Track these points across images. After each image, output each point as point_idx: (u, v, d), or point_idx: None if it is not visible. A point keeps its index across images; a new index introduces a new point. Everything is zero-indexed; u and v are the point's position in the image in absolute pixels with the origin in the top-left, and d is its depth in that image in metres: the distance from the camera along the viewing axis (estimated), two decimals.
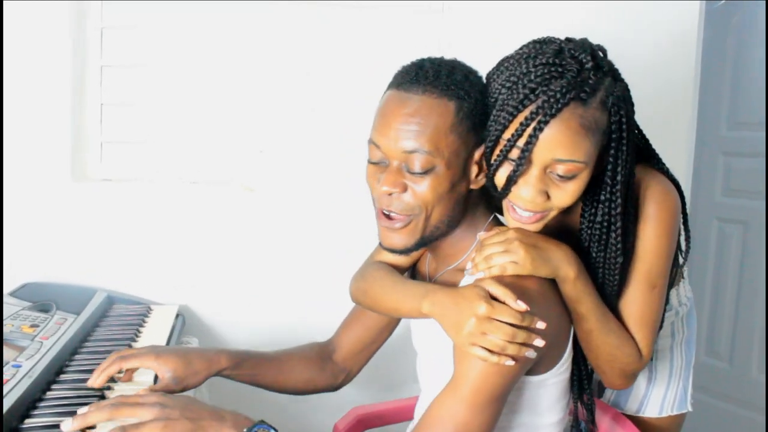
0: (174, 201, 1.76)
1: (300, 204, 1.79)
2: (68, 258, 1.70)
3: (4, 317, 1.30)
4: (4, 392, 0.96)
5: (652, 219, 1.02)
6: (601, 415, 1.26)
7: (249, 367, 1.19)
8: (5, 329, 1.23)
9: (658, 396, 1.30)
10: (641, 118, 1.91)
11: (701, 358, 2.59)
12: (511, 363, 0.88)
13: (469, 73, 1.01)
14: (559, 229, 1.06)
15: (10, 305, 1.40)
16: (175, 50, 1.79)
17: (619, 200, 0.98)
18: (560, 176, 0.92)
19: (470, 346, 0.89)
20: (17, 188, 1.66)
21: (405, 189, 0.98)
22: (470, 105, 0.97)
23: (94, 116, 1.76)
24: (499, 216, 1.08)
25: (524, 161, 0.91)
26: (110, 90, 1.77)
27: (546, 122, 0.89)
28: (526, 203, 0.94)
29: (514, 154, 0.92)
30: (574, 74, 0.90)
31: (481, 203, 1.06)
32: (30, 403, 0.99)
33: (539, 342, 0.90)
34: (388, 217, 1.01)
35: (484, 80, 1.03)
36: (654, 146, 1.14)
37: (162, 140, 1.81)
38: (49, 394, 1.05)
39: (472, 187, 1.02)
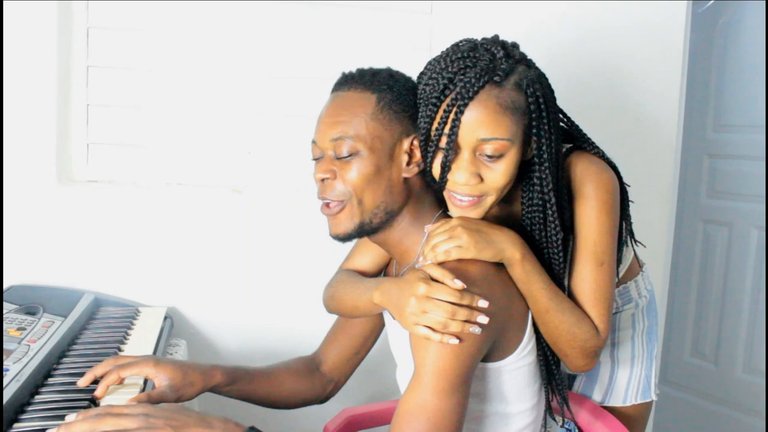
0: (161, 203, 1.75)
1: (287, 206, 1.79)
2: (54, 260, 1.68)
3: None
4: None
5: (590, 198, 1.08)
6: (578, 408, 1.30)
7: (242, 384, 1.21)
8: None
9: (621, 385, 1.33)
10: (629, 121, 1.95)
11: (686, 359, 2.64)
12: (455, 341, 0.92)
13: (395, 73, 1.11)
14: (505, 219, 1.11)
15: None
16: (162, 51, 1.78)
17: (549, 177, 1.04)
18: (489, 156, 0.98)
19: (414, 326, 0.94)
20: (2, 189, 1.64)
21: (335, 176, 1.06)
22: (392, 96, 1.06)
23: (80, 117, 1.75)
24: (448, 213, 1.12)
25: (452, 146, 0.98)
26: (96, 91, 1.76)
27: (465, 105, 0.96)
28: (462, 187, 1.00)
29: (443, 141, 0.99)
30: (486, 62, 0.98)
31: (428, 199, 1.11)
32: (18, 407, 0.98)
33: (482, 319, 0.93)
34: (327, 205, 1.08)
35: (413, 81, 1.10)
36: (641, 148, 1.17)
37: (149, 141, 1.79)
38: (38, 398, 1.04)
39: (405, 175, 1.07)
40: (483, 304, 0.94)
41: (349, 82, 1.09)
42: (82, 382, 1.07)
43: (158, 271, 1.73)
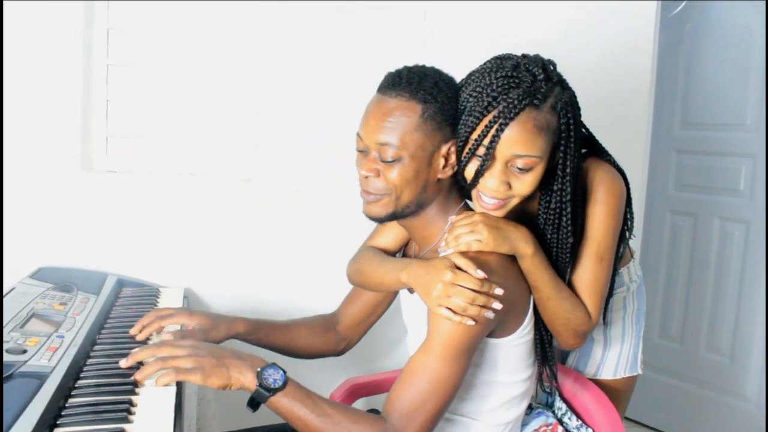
0: (175, 191, 1.88)
1: (293, 194, 1.92)
2: (78, 243, 1.81)
3: (33, 296, 1.42)
4: (56, 360, 1.09)
5: (600, 202, 1.22)
6: (564, 378, 1.45)
7: (262, 334, 1.40)
8: (37, 306, 1.36)
9: (612, 360, 1.49)
10: (602, 118, 2.10)
11: (655, 340, 2.79)
12: (472, 323, 1.07)
13: (439, 80, 1.17)
14: (520, 215, 1.24)
15: (34, 286, 1.51)
16: (176, 50, 1.90)
17: (568, 188, 1.17)
18: (520, 169, 1.11)
19: (438, 307, 1.08)
20: (30, 178, 1.77)
21: (378, 174, 1.16)
22: (436, 107, 1.14)
23: (100, 111, 1.87)
24: (469, 202, 1.26)
25: (489, 157, 1.10)
26: (115, 87, 1.88)
27: (506, 124, 1.08)
28: (492, 192, 1.13)
29: (481, 151, 1.11)
30: (528, 84, 1.09)
31: (453, 191, 1.24)
32: (77, 369, 1.12)
33: (497, 305, 1.09)
34: (367, 193, 1.20)
35: (456, 84, 1.20)
36: (613, 144, 1.33)
37: (163, 134, 1.92)
38: (90, 361, 1.18)
39: (440, 176, 1.18)
40: (499, 291, 1.09)
41: (397, 87, 1.15)
42: (135, 332, 1.29)
43: (173, 254, 1.86)
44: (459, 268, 1.09)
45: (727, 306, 2.57)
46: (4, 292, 1.44)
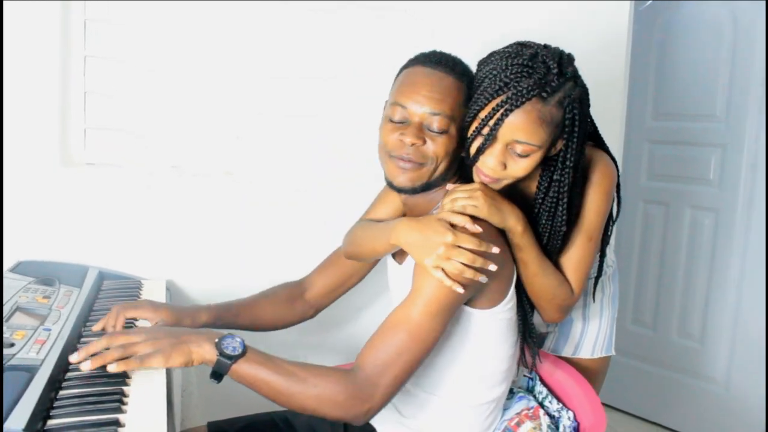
0: (154, 184, 1.86)
1: (274, 185, 1.93)
2: (57, 236, 1.79)
3: (15, 290, 1.41)
4: (45, 352, 1.09)
5: (595, 184, 1.28)
6: (542, 361, 1.50)
7: (227, 319, 1.43)
8: (20, 300, 1.35)
9: (590, 340, 1.56)
10: None
11: (628, 327, 2.85)
12: (461, 290, 1.10)
13: (469, 67, 1.27)
14: (519, 195, 1.29)
15: (15, 280, 1.50)
16: (154, 41, 1.88)
17: (567, 179, 1.22)
18: (518, 154, 1.16)
19: (434, 269, 1.10)
20: (8, 172, 1.74)
21: (425, 143, 1.21)
22: (470, 91, 1.21)
23: (78, 104, 1.85)
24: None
25: (492, 137, 1.15)
26: (93, 79, 1.86)
27: (511, 110, 1.12)
28: (488, 170, 1.18)
29: (485, 131, 1.16)
30: (540, 76, 1.12)
31: (455, 166, 1.28)
32: (67, 360, 1.12)
33: (493, 267, 1.13)
34: (407, 161, 1.21)
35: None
36: None
37: (142, 126, 1.90)
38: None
39: (462, 153, 1.23)
40: (495, 250, 1.13)
41: (445, 64, 1.23)
42: (98, 328, 1.30)
43: (155, 246, 1.85)
44: (454, 228, 1.13)
45: (697, 292, 2.64)
46: None
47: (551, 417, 1.39)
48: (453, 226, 1.13)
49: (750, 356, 2.49)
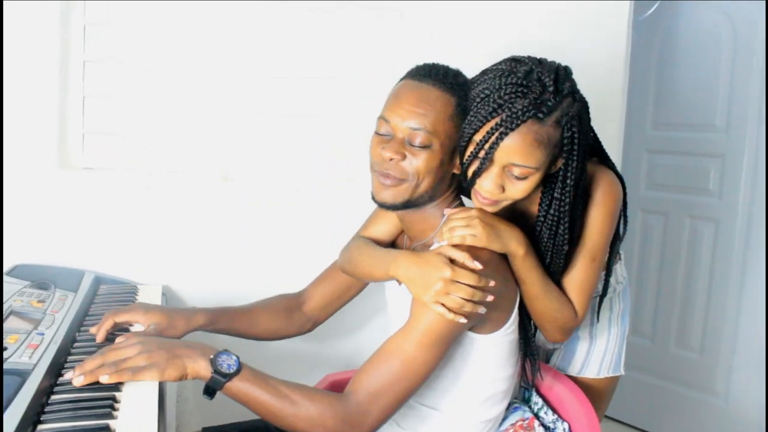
0: (152, 188, 1.86)
1: (273, 186, 1.92)
2: (54, 241, 1.79)
3: (10, 294, 1.41)
4: (38, 357, 1.09)
5: (598, 204, 1.25)
6: (544, 374, 1.47)
7: (223, 323, 1.40)
8: (15, 304, 1.35)
9: (596, 359, 1.52)
10: None
11: (626, 337, 2.85)
12: (464, 321, 1.09)
13: (466, 80, 1.22)
14: (520, 213, 1.27)
15: (11, 284, 1.50)
16: (153, 46, 1.88)
17: (567, 199, 1.19)
18: (515, 176, 1.13)
19: (434, 304, 1.09)
20: (6, 175, 1.74)
21: (404, 158, 1.18)
22: (465, 104, 1.17)
23: (77, 108, 1.85)
24: (465, 198, 1.29)
25: (487, 161, 1.12)
26: (92, 83, 1.86)
27: (506, 133, 1.08)
28: (486, 192, 1.15)
29: (481, 154, 1.12)
30: (536, 96, 1.09)
31: (454, 189, 1.27)
32: (59, 365, 1.12)
33: (490, 297, 1.11)
34: (387, 176, 1.20)
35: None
36: None
37: (141, 131, 1.90)
38: (70, 358, 1.18)
39: (455, 171, 1.21)
40: (492, 283, 1.11)
41: (434, 77, 1.19)
42: (95, 332, 1.27)
43: (151, 251, 1.85)
44: (454, 262, 1.11)
45: (697, 303, 2.63)
46: None
47: (546, 428, 1.38)
48: (452, 260, 1.11)
49: (750, 368, 2.47)
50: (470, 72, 1.25)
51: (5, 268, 1.64)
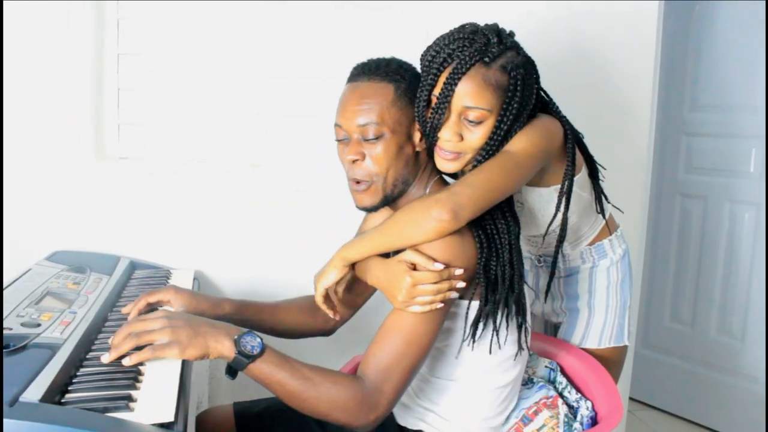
0: (184, 176, 1.92)
1: (299, 177, 1.96)
2: (92, 228, 1.86)
3: (48, 276, 1.47)
4: (68, 333, 1.14)
5: (524, 129, 1.24)
6: (559, 350, 1.50)
7: (249, 314, 1.42)
8: (51, 285, 1.41)
9: (596, 330, 1.54)
10: (607, 103, 2.10)
11: (666, 323, 2.81)
12: (441, 305, 1.13)
13: (403, 63, 1.28)
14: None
15: (49, 268, 1.56)
16: (185, 39, 1.94)
17: (497, 138, 1.21)
18: (471, 121, 1.19)
19: (406, 307, 1.13)
20: (45, 166, 1.82)
21: (364, 157, 1.23)
22: (405, 85, 1.24)
23: (112, 100, 1.92)
24: (445, 177, 1.31)
25: (444, 110, 1.19)
26: (126, 76, 1.93)
27: (458, 78, 1.17)
28: (446, 143, 1.21)
29: (437, 103, 1.19)
30: (481, 45, 1.18)
31: (429, 166, 1.29)
32: (89, 341, 1.17)
33: (461, 284, 1.15)
34: (357, 182, 1.25)
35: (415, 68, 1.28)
36: (618, 127, 1.36)
37: (173, 121, 1.96)
38: (101, 336, 1.23)
39: (418, 149, 1.26)
40: (459, 272, 1.14)
41: (367, 73, 1.25)
42: (127, 311, 1.32)
43: (184, 237, 1.91)
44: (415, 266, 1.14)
45: (737, 289, 2.57)
46: (20, 274, 1.49)
47: (570, 407, 1.38)
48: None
49: None
50: None
51: (44, 254, 1.71)
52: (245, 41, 1.96)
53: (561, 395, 1.41)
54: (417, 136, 1.25)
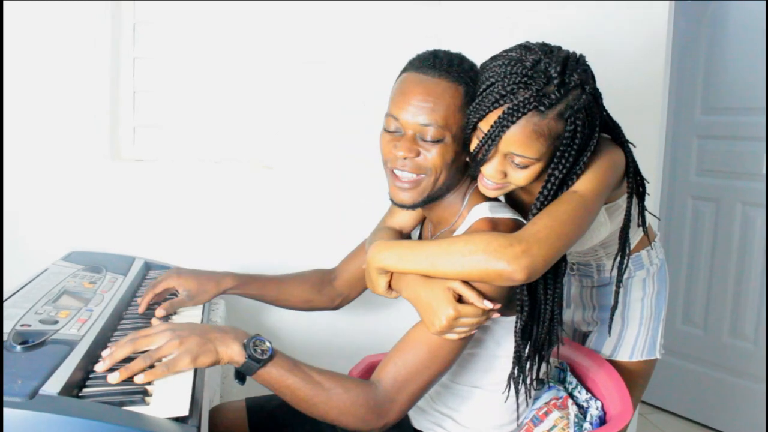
0: (199, 178, 1.95)
1: (312, 179, 1.98)
2: (108, 229, 1.89)
3: (65, 276, 1.49)
4: (86, 330, 1.16)
5: (591, 166, 1.18)
6: (577, 354, 1.49)
7: (254, 288, 1.45)
8: (68, 284, 1.43)
9: (629, 342, 1.50)
10: (617, 105, 2.09)
11: (678, 326, 2.80)
12: (474, 332, 1.11)
13: (473, 65, 1.20)
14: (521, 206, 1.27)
15: (66, 267, 1.58)
16: (198, 42, 1.97)
17: (550, 189, 1.15)
18: (516, 164, 1.13)
19: (440, 333, 1.09)
20: (62, 167, 1.85)
21: (418, 154, 1.16)
22: (473, 90, 1.15)
23: (127, 103, 1.95)
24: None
25: (490, 148, 1.12)
26: (142, 79, 1.96)
27: (507, 126, 1.09)
28: (489, 178, 1.16)
29: (485, 141, 1.12)
30: (539, 87, 1.08)
31: (468, 173, 1.25)
32: (106, 338, 1.19)
33: (496, 315, 1.12)
34: (399, 178, 1.19)
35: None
36: (628, 129, 1.32)
37: (188, 124, 1.99)
38: (116, 333, 1.25)
39: (467, 159, 1.20)
40: (496, 306, 1.10)
41: (438, 68, 1.14)
42: (141, 309, 1.36)
43: (199, 239, 1.93)
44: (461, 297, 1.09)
45: (750, 291, 2.56)
46: (37, 273, 1.51)
47: (580, 407, 1.39)
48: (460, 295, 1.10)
49: None
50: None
51: (61, 255, 1.73)
52: (259, 44, 1.98)
53: (571, 395, 1.42)
54: (474, 143, 1.16)
